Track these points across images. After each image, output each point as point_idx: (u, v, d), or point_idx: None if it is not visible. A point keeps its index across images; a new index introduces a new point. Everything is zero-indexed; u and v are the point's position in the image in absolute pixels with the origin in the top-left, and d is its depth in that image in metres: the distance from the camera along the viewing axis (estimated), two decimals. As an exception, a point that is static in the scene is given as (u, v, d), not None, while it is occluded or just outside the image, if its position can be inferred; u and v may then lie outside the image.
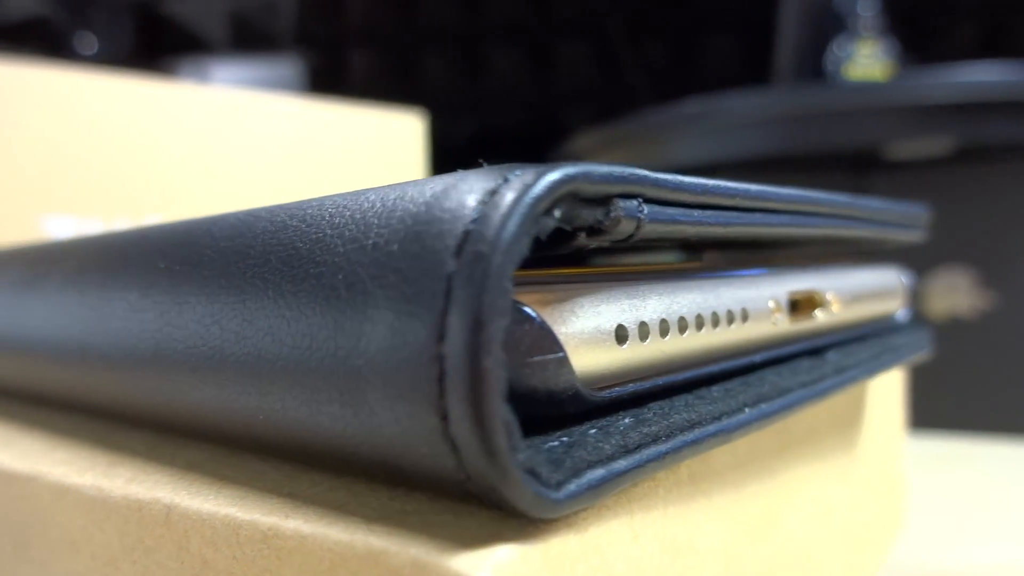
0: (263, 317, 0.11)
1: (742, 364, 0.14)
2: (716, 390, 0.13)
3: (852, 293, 0.19)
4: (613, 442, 0.10)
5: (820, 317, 0.17)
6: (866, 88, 0.53)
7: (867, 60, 0.60)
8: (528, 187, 0.09)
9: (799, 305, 0.17)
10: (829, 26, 0.64)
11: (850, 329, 0.19)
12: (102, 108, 0.42)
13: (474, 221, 0.09)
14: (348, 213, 0.11)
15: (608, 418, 0.11)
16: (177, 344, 0.12)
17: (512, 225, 0.08)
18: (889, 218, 0.20)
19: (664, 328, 0.12)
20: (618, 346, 0.11)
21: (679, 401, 0.12)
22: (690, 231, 0.11)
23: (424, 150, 0.57)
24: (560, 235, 0.10)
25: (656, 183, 0.10)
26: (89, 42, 0.91)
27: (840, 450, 0.21)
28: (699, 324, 0.13)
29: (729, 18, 0.84)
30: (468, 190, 0.09)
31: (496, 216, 0.09)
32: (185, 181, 0.45)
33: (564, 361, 0.10)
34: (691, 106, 0.55)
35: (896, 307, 0.22)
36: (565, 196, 0.09)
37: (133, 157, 0.43)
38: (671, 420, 0.11)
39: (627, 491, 0.11)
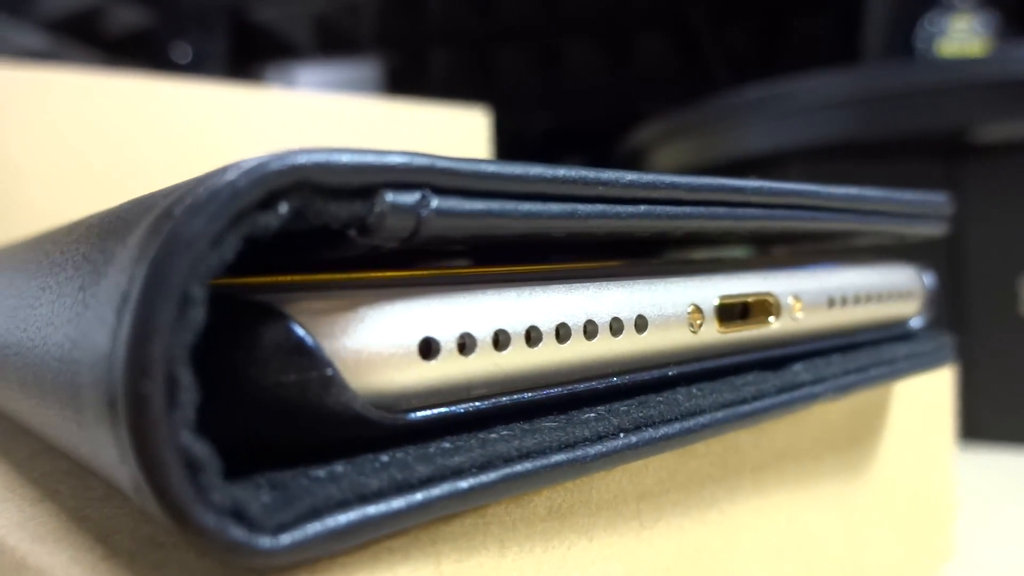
0: (46, 324, 0.10)
1: (643, 379, 0.12)
2: (595, 412, 0.11)
3: (832, 297, 0.16)
4: (386, 476, 0.09)
5: (776, 324, 0.15)
6: (951, 64, 0.48)
7: (962, 35, 0.54)
8: (236, 178, 0.07)
9: (751, 310, 0.15)
10: (921, 1, 0.58)
11: (834, 337, 0.17)
12: (194, 114, 0.44)
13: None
14: (140, 208, 0.10)
15: (412, 447, 0.09)
16: (7, 350, 0.12)
17: (198, 223, 0.07)
18: (882, 208, 0.17)
19: (502, 340, 0.10)
20: (423, 361, 0.09)
21: (523, 426, 0.10)
22: (522, 226, 0.10)
23: (489, 146, 0.56)
24: (335, 235, 0.09)
25: (448, 171, 0.09)
26: (184, 51, 0.95)
27: (839, 474, 0.19)
28: (562, 335, 0.11)
29: (816, -2, 0.78)
30: (210, 183, 0.08)
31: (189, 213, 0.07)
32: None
33: (333, 379, 0.09)
34: (759, 90, 0.52)
35: (910, 312, 0.19)
36: (294, 188, 0.08)
37: (220, 161, 0.44)
38: (492, 449, 0.10)
39: (430, 530, 0.09)
